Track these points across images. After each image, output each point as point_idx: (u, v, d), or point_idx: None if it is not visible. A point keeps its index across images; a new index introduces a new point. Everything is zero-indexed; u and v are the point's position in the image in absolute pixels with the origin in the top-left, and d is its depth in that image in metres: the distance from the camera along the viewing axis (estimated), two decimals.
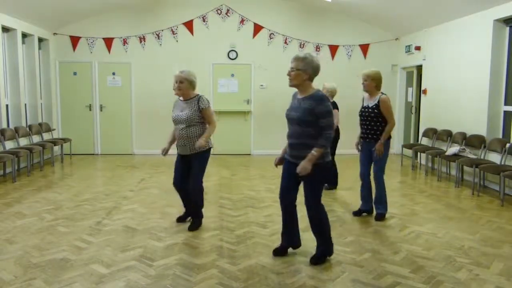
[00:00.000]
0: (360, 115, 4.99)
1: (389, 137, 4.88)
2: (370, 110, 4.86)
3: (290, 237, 3.89)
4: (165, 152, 4.62)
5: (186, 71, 4.49)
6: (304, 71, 3.44)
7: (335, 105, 6.34)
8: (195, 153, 4.45)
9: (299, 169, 3.40)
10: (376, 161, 4.92)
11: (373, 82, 4.80)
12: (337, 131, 6.38)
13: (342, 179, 6.81)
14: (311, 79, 3.49)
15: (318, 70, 3.50)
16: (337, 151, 6.39)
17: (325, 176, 3.61)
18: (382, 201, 5.00)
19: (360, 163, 5.12)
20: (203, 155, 4.51)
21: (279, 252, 3.88)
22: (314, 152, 3.38)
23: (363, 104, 5.01)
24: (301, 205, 3.74)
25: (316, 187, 3.59)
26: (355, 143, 5.18)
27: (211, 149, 4.63)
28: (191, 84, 4.46)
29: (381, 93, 4.85)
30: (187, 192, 4.61)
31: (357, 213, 5.18)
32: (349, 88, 9.76)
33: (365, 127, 4.94)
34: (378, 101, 4.79)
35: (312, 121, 3.41)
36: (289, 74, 3.50)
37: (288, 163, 3.68)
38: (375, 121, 4.84)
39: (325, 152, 3.47)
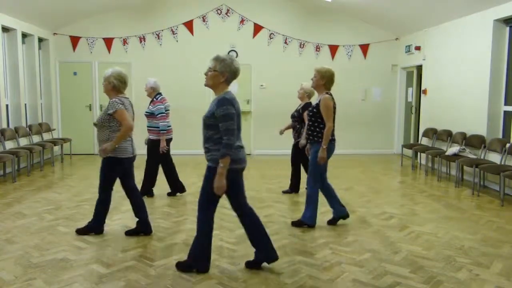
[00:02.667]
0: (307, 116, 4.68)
1: (331, 140, 4.47)
2: (311, 109, 4.58)
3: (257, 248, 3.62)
4: None
5: (110, 70, 4.21)
6: (221, 73, 3.27)
7: (310, 106, 6.13)
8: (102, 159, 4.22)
9: (214, 189, 3.22)
10: (309, 165, 4.57)
11: (321, 80, 4.44)
12: None
13: (341, 179, 6.81)
14: (228, 82, 3.32)
15: (237, 73, 3.35)
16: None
17: (213, 181, 3.21)
18: (307, 209, 4.59)
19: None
20: (106, 161, 4.19)
21: (251, 265, 3.62)
22: (221, 164, 3.16)
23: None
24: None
25: (203, 190, 3.37)
26: (306, 148, 4.80)
27: (119, 160, 4.18)
28: (110, 84, 4.16)
29: (326, 92, 4.48)
30: (129, 193, 4.46)
31: (331, 222, 4.78)
32: (348, 88, 9.77)
33: (307, 128, 4.60)
34: (319, 100, 4.46)
35: (213, 124, 3.23)
36: (205, 74, 3.35)
37: None
38: (313, 121, 4.50)
39: (233, 159, 3.22)
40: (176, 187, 6.07)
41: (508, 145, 6.29)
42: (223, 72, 3.28)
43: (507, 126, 6.85)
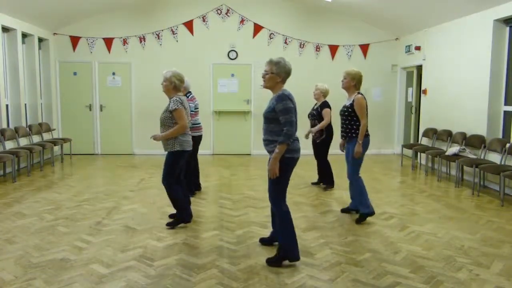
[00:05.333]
0: (340, 114, 5.02)
1: (366, 135, 4.86)
2: (345, 109, 4.90)
3: (275, 229, 3.97)
4: None
5: (170, 71, 4.52)
6: (277, 74, 3.59)
7: (327, 105, 6.41)
8: (167, 153, 4.58)
9: (268, 171, 3.55)
10: (350, 161, 4.92)
11: (352, 81, 4.85)
12: (329, 131, 6.42)
13: (341, 178, 6.79)
14: (283, 81, 3.65)
15: (290, 73, 3.67)
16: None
17: (280, 171, 3.52)
18: (361, 202, 4.93)
19: (346, 163, 5.11)
20: (169, 156, 4.53)
21: (265, 242, 4.08)
22: (276, 149, 3.48)
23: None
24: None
25: (274, 181, 3.57)
26: (339, 144, 5.20)
27: (183, 153, 4.54)
28: (171, 84, 4.48)
29: (358, 92, 4.86)
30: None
31: (344, 210, 5.26)
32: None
33: (343, 126, 4.97)
34: (353, 100, 4.81)
35: (273, 118, 3.55)
36: (263, 77, 3.66)
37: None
38: (349, 120, 4.87)
39: (289, 148, 3.51)
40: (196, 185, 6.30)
41: (508, 145, 6.29)
42: (279, 73, 3.60)
43: (507, 126, 6.85)
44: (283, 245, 3.65)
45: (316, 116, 6.46)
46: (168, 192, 4.60)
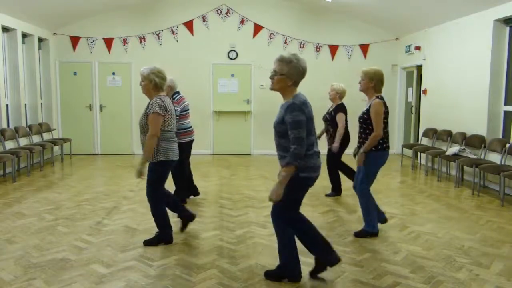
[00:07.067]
0: (358, 121, 4.37)
1: (380, 149, 4.19)
2: (362, 115, 4.28)
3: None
4: None
5: (147, 68, 3.91)
6: (288, 76, 3.01)
7: (342, 108, 5.92)
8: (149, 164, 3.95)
9: (269, 193, 3.04)
10: (361, 171, 4.32)
11: (370, 82, 4.17)
12: (344, 137, 5.89)
13: (343, 180, 6.79)
14: (296, 84, 3.07)
15: (305, 73, 3.07)
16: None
17: (290, 189, 3.01)
18: (365, 217, 4.40)
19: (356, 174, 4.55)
20: (153, 168, 3.92)
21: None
22: (283, 172, 2.96)
23: None
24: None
25: (283, 199, 3.04)
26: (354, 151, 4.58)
27: (168, 163, 3.95)
28: (151, 83, 3.87)
29: (376, 96, 4.20)
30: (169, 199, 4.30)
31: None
32: (349, 88, 9.71)
33: (360, 134, 4.33)
34: (370, 105, 4.20)
35: (284, 131, 3.00)
36: (271, 78, 3.08)
37: None
38: (364, 128, 4.25)
39: (300, 167, 2.99)
40: (194, 189, 5.91)
41: (508, 145, 6.29)
42: (291, 75, 3.01)
43: (507, 126, 6.85)
44: (281, 266, 3.31)
45: (329, 121, 5.92)
46: (154, 209, 4.02)
